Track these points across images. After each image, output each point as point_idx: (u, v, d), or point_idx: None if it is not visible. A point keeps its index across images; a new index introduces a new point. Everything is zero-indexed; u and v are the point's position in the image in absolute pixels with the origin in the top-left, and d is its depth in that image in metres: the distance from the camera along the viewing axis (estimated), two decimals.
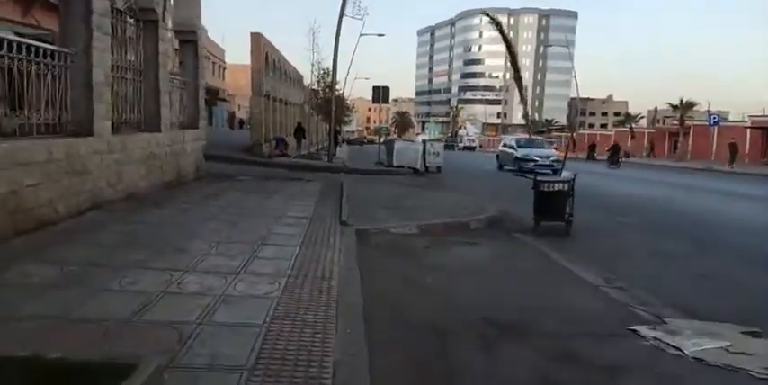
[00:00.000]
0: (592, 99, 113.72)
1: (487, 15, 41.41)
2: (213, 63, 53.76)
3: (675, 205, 12.53)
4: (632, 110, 67.33)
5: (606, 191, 15.11)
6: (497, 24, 38.80)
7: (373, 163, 22.26)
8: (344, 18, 20.16)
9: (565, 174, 8.25)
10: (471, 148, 69.21)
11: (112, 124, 7.54)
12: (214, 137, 28.39)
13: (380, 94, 21.39)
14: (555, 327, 4.03)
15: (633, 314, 4.43)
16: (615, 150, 30.75)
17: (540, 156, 22.31)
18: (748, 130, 36.04)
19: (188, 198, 8.31)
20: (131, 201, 7.46)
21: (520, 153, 22.75)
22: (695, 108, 41.73)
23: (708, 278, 5.80)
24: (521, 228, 8.15)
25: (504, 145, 26.07)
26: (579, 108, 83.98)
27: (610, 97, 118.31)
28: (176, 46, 12.08)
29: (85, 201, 6.44)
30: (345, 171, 17.09)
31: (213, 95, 52.18)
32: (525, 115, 45.12)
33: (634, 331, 4.00)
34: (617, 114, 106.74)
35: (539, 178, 7.72)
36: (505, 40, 36.73)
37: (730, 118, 44.78)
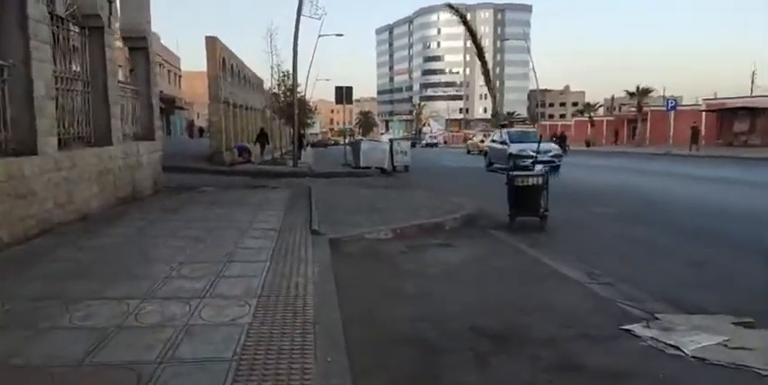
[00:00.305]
0: (549, 90, 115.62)
1: (450, 6, 40.95)
2: (168, 71, 52.43)
3: (643, 192, 12.63)
4: (589, 99, 68.76)
5: (570, 180, 15.17)
6: (461, 16, 38.63)
7: (340, 165, 21.93)
8: (302, 18, 19.75)
9: (537, 168, 8.10)
10: (434, 145, 69.73)
11: (60, 140, 7.04)
12: (173, 147, 27.61)
13: (344, 94, 21.06)
14: (546, 332, 3.81)
15: (624, 311, 4.26)
16: (563, 139, 35.77)
17: (538, 152, 17.85)
18: (704, 114, 37.10)
19: (146, 215, 7.84)
20: (84, 222, 6.97)
21: (514, 149, 18.86)
22: (651, 94, 42.64)
23: (691, 266, 5.70)
24: (496, 224, 7.98)
25: (494, 140, 22.50)
26: (539, 99, 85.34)
27: (567, 88, 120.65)
28: (127, 55, 11.50)
29: (33, 225, 5.95)
30: (312, 175, 16.72)
31: (170, 104, 50.89)
32: (493, 108, 45.32)
33: (628, 331, 3.81)
34: (575, 104, 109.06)
35: (512, 173, 7.55)
36: (470, 31, 36.63)
37: (683, 102, 46.05)
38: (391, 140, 22.63)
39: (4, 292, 4.03)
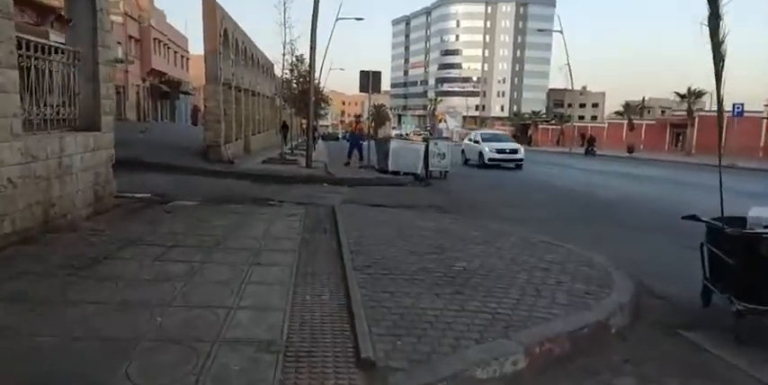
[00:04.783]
0: (570, 90, 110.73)
1: None
2: (175, 52, 48.76)
3: None
4: (609, 101, 64.43)
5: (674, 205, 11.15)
6: None
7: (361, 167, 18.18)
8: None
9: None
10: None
11: None
12: (167, 136, 23.94)
13: (370, 79, 17.18)
14: None
15: None
16: (590, 142, 37.97)
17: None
18: (764, 121, 33.05)
19: (31, 280, 4.09)
20: None
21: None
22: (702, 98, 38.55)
23: None
24: (689, 318, 4.27)
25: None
26: (554, 99, 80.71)
27: (585, 88, 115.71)
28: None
29: None
30: (331, 182, 12.95)
31: (175, 88, 47.64)
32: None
33: None
34: (595, 105, 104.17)
35: (757, 230, 3.74)
36: None
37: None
38: (427, 139, 18.83)
39: None
